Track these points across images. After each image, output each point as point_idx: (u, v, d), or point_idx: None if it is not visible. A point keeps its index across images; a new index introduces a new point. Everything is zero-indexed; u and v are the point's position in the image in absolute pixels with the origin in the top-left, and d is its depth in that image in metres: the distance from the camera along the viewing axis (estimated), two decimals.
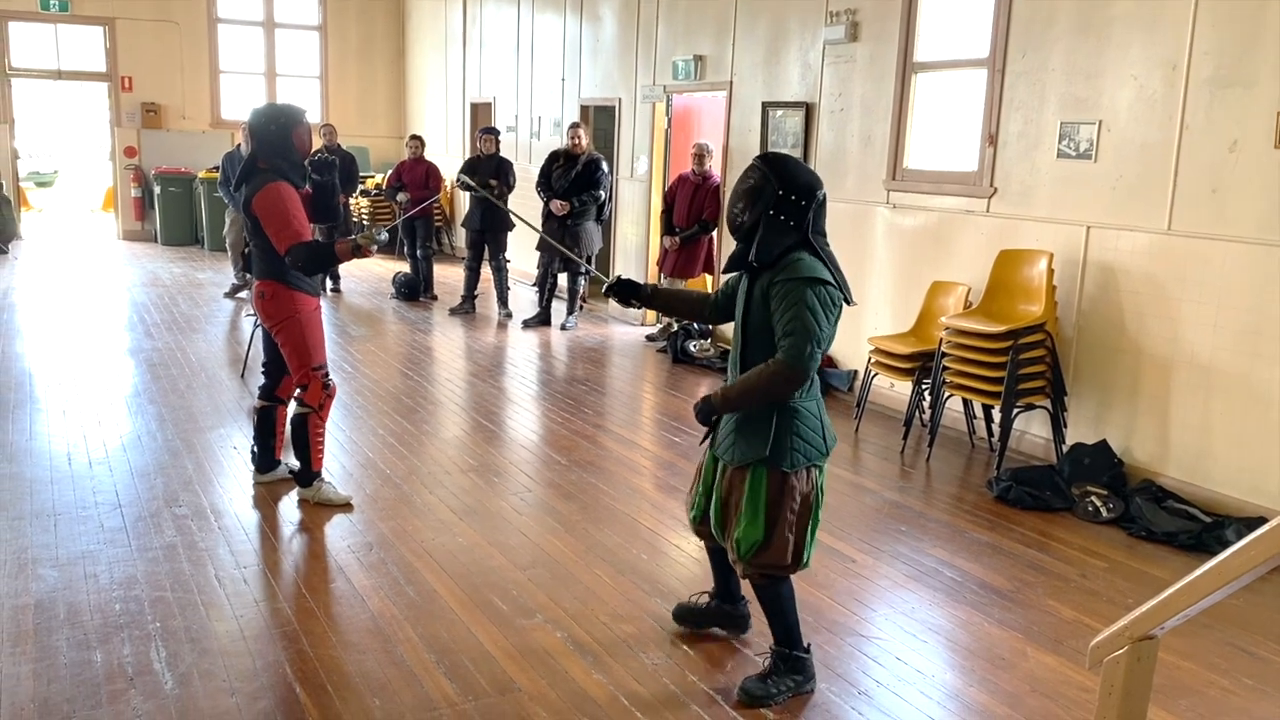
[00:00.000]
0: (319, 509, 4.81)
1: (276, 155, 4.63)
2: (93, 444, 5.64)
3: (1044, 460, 5.74)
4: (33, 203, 17.99)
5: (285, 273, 4.62)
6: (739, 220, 3.16)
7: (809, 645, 3.38)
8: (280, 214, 4.54)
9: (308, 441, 4.80)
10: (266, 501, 4.91)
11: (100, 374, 7.20)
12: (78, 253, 13.53)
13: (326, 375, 4.80)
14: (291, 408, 4.90)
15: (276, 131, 4.62)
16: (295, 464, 4.94)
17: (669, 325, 9.06)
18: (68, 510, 4.68)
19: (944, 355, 5.81)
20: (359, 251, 4.59)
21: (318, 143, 9.71)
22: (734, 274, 3.40)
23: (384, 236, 4.68)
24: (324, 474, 4.96)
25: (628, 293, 3.70)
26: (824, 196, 3.16)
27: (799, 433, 3.15)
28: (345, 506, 4.83)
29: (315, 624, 3.71)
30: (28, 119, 16.04)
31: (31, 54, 14.03)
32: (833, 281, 3.09)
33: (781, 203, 3.09)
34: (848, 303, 3.17)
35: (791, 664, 3.30)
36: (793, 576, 3.32)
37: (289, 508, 4.84)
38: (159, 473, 5.22)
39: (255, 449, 5.12)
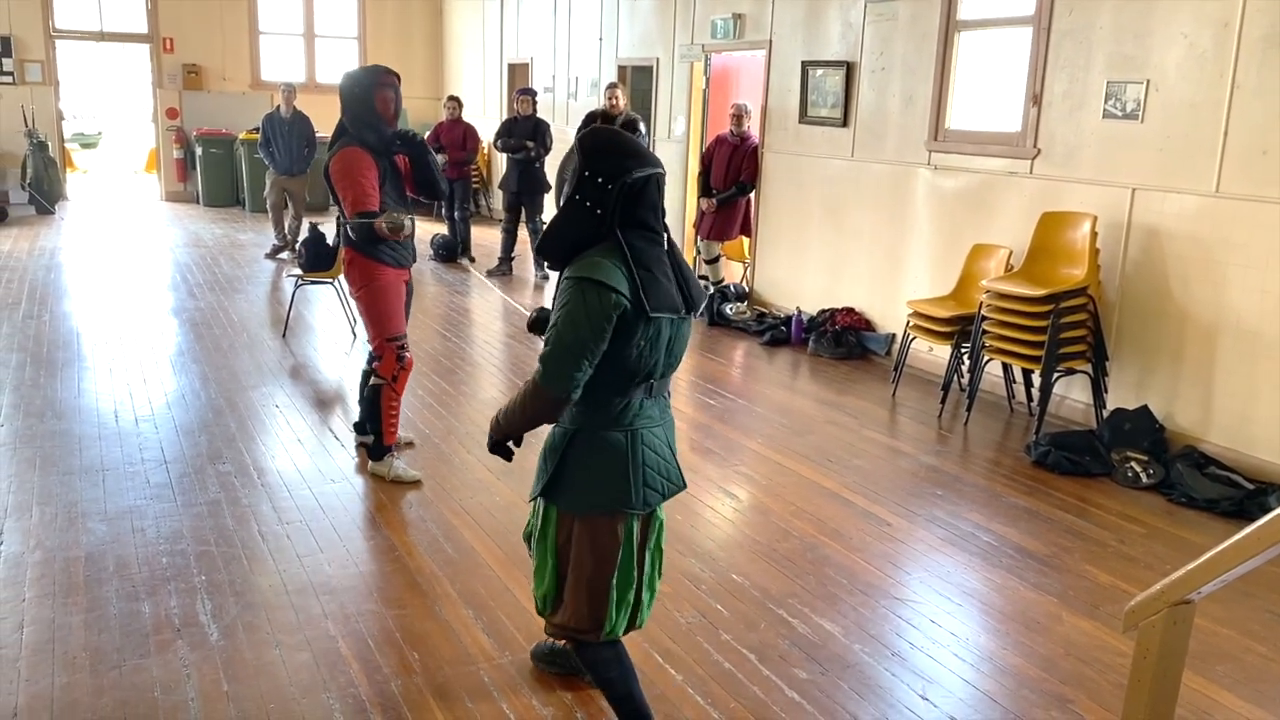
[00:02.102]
0: (365, 469, 4.88)
1: (357, 119, 4.55)
2: (139, 402, 5.75)
3: (1084, 425, 5.69)
4: (77, 164, 18.21)
5: (365, 241, 4.54)
6: (558, 203, 2.58)
7: None
8: (349, 180, 4.48)
9: (380, 413, 4.75)
10: (309, 458, 4.98)
11: (145, 333, 7.32)
12: (121, 214, 13.71)
13: (402, 347, 4.72)
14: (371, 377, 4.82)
15: (360, 95, 4.53)
16: (369, 438, 4.89)
17: (705, 288, 9.03)
18: (115, 466, 4.79)
19: (984, 319, 5.75)
20: (393, 232, 4.49)
21: None
22: None
23: (407, 224, 4.55)
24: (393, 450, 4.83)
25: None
26: (645, 179, 2.47)
27: (591, 468, 2.54)
28: (415, 485, 4.72)
29: (356, 579, 3.78)
30: (72, 80, 16.20)
31: (75, 16, 14.15)
32: (611, 285, 2.37)
33: (585, 184, 2.46)
34: (647, 313, 2.41)
35: None
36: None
37: (330, 465, 4.92)
38: (203, 430, 5.32)
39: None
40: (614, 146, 2.52)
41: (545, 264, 2.58)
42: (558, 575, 2.68)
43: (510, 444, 2.70)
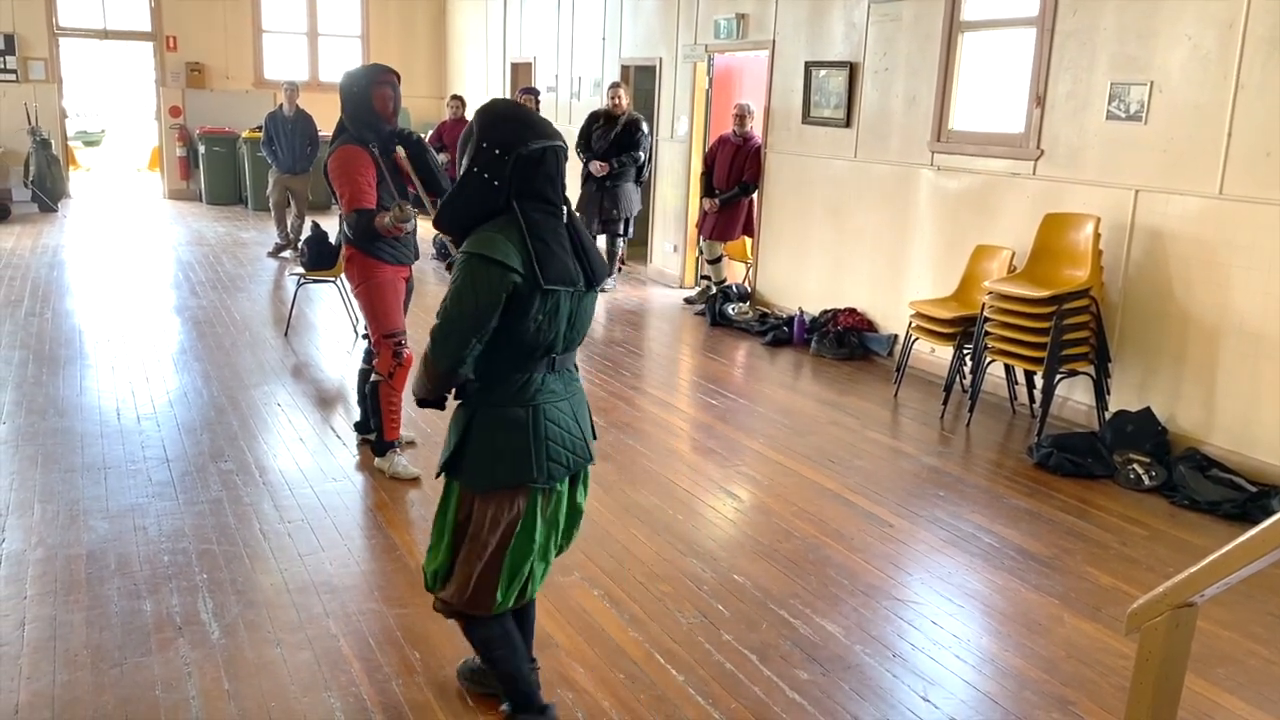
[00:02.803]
0: (366, 466, 4.88)
1: (355, 117, 4.55)
2: (141, 400, 5.75)
3: (1086, 427, 5.68)
4: (80, 162, 18.22)
5: (362, 238, 4.57)
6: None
7: (547, 707, 2.81)
8: (346, 177, 4.50)
9: (378, 406, 4.77)
10: (310, 457, 4.98)
11: (147, 331, 7.32)
12: (124, 211, 13.72)
13: (399, 344, 4.72)
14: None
15: (358, 93, 4.53)
16: (371, 435, 4.93)
17: (707, 288, 9.04)
18: (117, 464, 4.79)
19: (986, 320, 5.74)
20: (395, 222, 4.49)
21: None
22: None
23: (408, 211, 4.55)
24: (396, 447, 4.85)
25: None
26: (541, 150, 2.44)
27: (494, 443, 2.52)
28: (414, 482, 4.73)
29: (358, 578, 3.78)
30: (75, 78, 16.21)
31: (78, 14, 14.16)
32: (501, 260, 2.36)
33: (481, 155, 2.44)
34: (541, 286, 2.40)
35: (516, 715, 2.77)
36: (523, 607, 2.76)
37: (331, 464, 4.92)
38: (205, 428, 5.32)
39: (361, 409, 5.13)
40: (510, 117, 2.51)
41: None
42: (452, 551, 2.64)
43: (434, 402, 2.64)
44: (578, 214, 2.55)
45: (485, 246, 2.39)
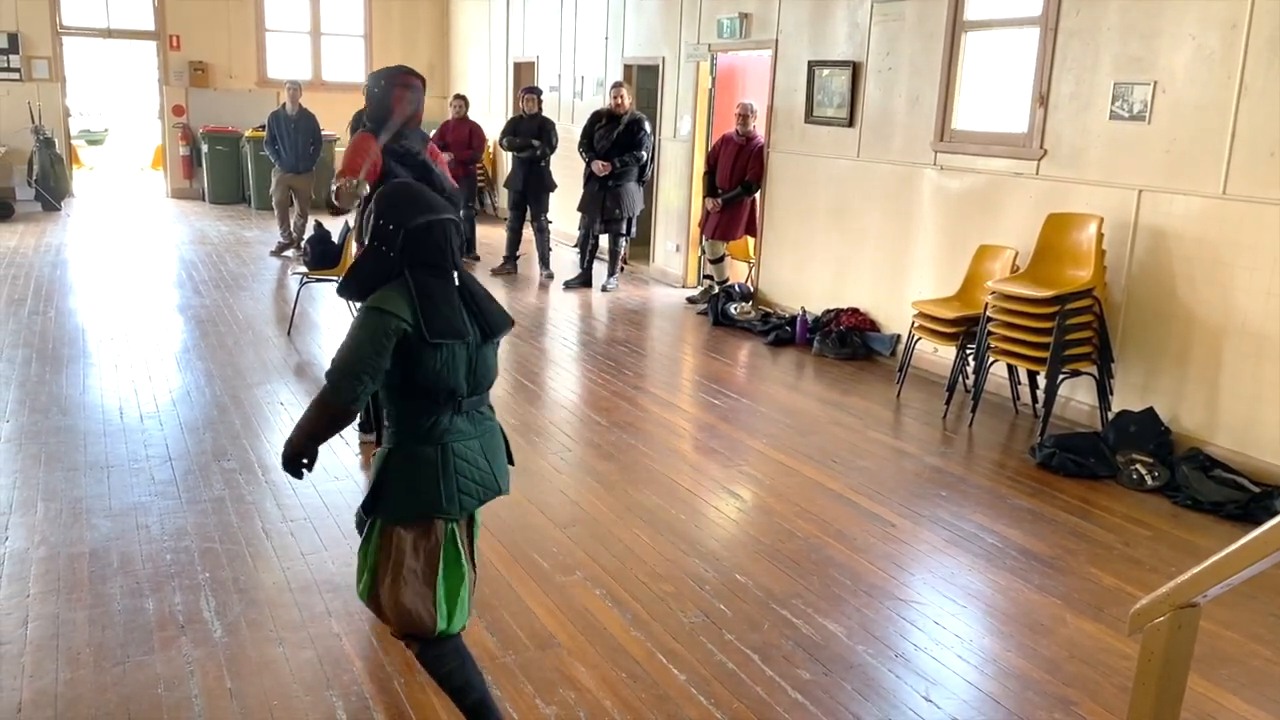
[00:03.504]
0: (369, 466, 4.88)
1: (373, 117, 4.57)
2: (143, 398, 5.76)
3: (1089, 427, 5.68)
4: (84, 160, 18.24)
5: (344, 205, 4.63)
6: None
7: None
8: (347, 155, 4.55)
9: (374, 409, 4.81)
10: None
11: (150, 330, 7.33)
12: (128, 210, 13.73)
13: None
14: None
15: (377, 94, 4.54)
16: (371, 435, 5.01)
17: (710, 288, 9.04)
18: (120, 463, 4.80)
19: (989, 320, 5.74)
20: (345, 192, 4.49)
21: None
22: None
23: (364, 189, 4.52)
24: None
25: None
26: (428, 224, 2.71)
27: (407, 480, 2.72)
28: None
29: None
30: (78, 77, 16.21)
31: (82, 13, 14.17)
32: (391, 311, 2.60)
33: (378, 230, 2.75)
34: (429, 339, 2.62)
35: None
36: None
37: (334, 463, 4.92)
38: (208, 427, 5.33)
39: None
40: (403, 198, 2.81)
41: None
42: (374, 581, 2.78)
43: (304, 461, 2.78)
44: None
45: (379, 301, 2.66)
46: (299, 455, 2.76)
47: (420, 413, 2.72)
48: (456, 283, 2.76)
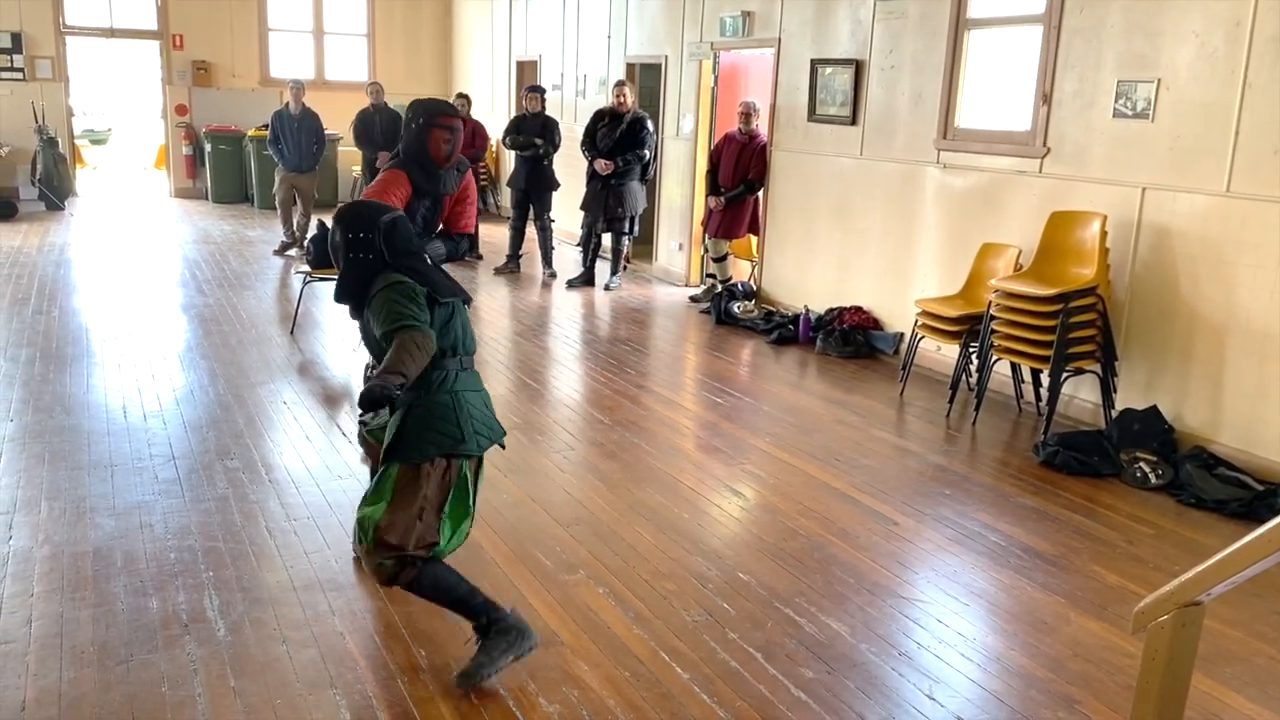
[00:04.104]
0: (363, 464, 4.89)
1: (407, 151, 4.52)
2: (147, 397, 5.77)
3: (1092, 425, 5.67)
4: (87, 160, 18.26)
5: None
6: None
7: (510, 609, 3.17)
8: (375, 189, 4.48)
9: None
10: (316, 455, 4.99)
11: (154, 329, 7.34)
12: (131, 210, 13.75)
13: None
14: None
15: (415, 131, 4.47)
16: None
17: (713, 286, 9.04)
18: (124, 461, 4.80)
19: (993, 318, 5.73)
20: None
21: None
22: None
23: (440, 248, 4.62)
24: None
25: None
26: (392, 219, 3.17)
27: (431, 425, 3.03)
28: None
29: (362, 576, 3.78)
30: (82, 77, 16.23)
31: (85, 12, 14.18)
32: (403, 280, 3.06)
33: (352, 244, 3.14)
34: (438, 300, 3.10)
35: (489, 630, 3.11)
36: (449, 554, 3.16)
37: (337, 462, 4.92)
38: (211, 426, 5.33)
39: None
40: (355, 214, 3.20)
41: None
42: (392, 508, 3.00)
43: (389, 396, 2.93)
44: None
45: (384, 281, 3.06)
46: (390, 387, 2.86)
47: (433, 369, 3.06)
48: (429, 263, 3.22)
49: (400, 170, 4.50)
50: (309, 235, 8.37)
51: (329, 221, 4.23)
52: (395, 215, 3.18)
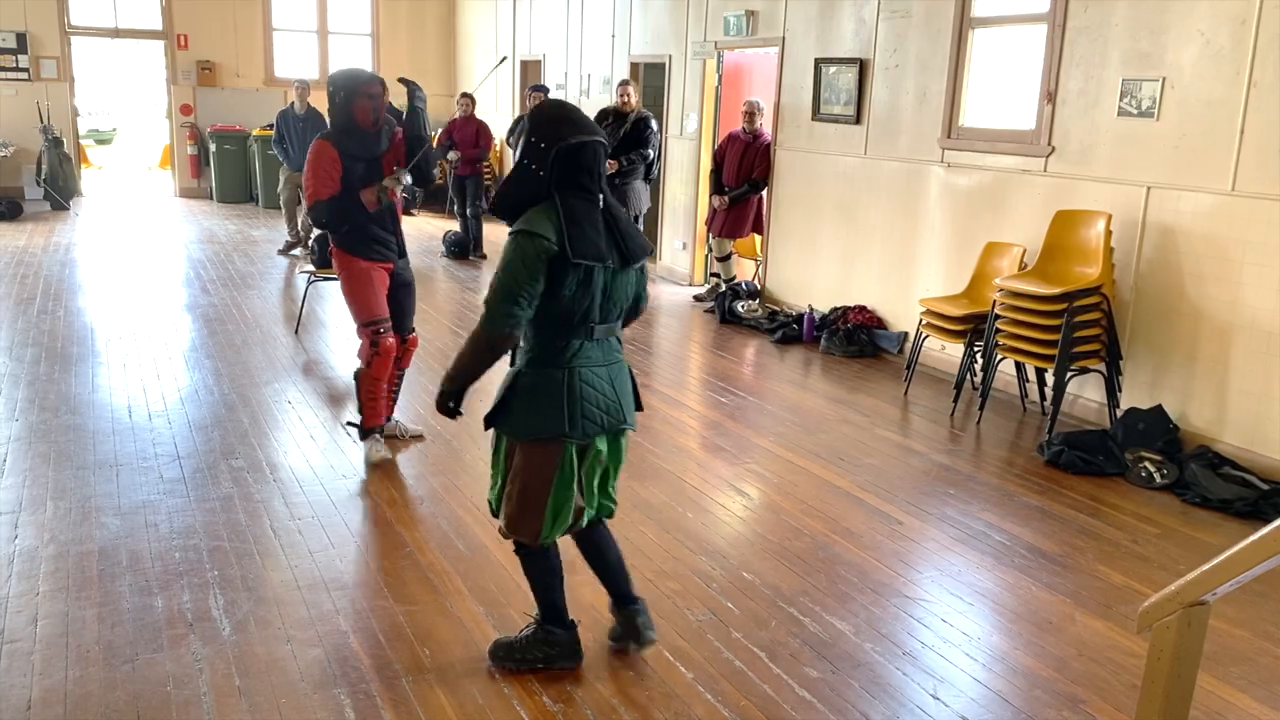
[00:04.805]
0: (377, 463, 4.90)
1: (335, 123, 4.75)
2: (152, 397, 5.78)
3: (1097, 425, 5.66)
4: (92, 160, 18.29)
5: (338, 236, 4.79)
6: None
7: (573, 622, 3.20)
8: (310, 172, 4.68)
9: (360, 396, 4.93)
10: (321, 454, 5.00)
11: (159, 329, 7.35)
12: (136, 209, 13.77)
13: (378, 331, 4.84)
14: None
15: (340, 103, 4.71)
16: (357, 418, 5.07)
17: (717, 286, 9.03)
18: (128, 461, 4.81)
19: (997, 317, 5.73)
20: (385, 191, 4.72)
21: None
22: None
23: (406, 178, 4.80)
24: (377, 433, 5.02)
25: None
26: (580, 144, 2.79)
27: (533, 401, 2.85)
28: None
29: (367, 575, 3.79)
30: (87, 77, 16.26)
31: (90, 12, 14.21)
32: (538, 233, 2.73)
33: (529, 149, 2.82)
34: (569, 258, 2.74)
35: (541, 636, 3.16)
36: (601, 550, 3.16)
37: (342, 461, 4.93)
38: (216, 426, 5.34)
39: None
40: (556, 115, 2.89)
41: (503, 219, 2.92)
42: (504, 485, 3.00)
43: (454, 405, 2.94)
44: (612, 201, 2.94)
45: (527, 223, 2.77)
46: (453, 393, 2.89)
47: (552, 335, 2.83)
48: (601, 206, 2.85)
49: (324, 140, 4.71)
50: (313, 235, 8.37)
51: None
52: (587, 141, 2.81)
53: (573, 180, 2.81)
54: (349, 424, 5.17)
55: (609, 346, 2.94)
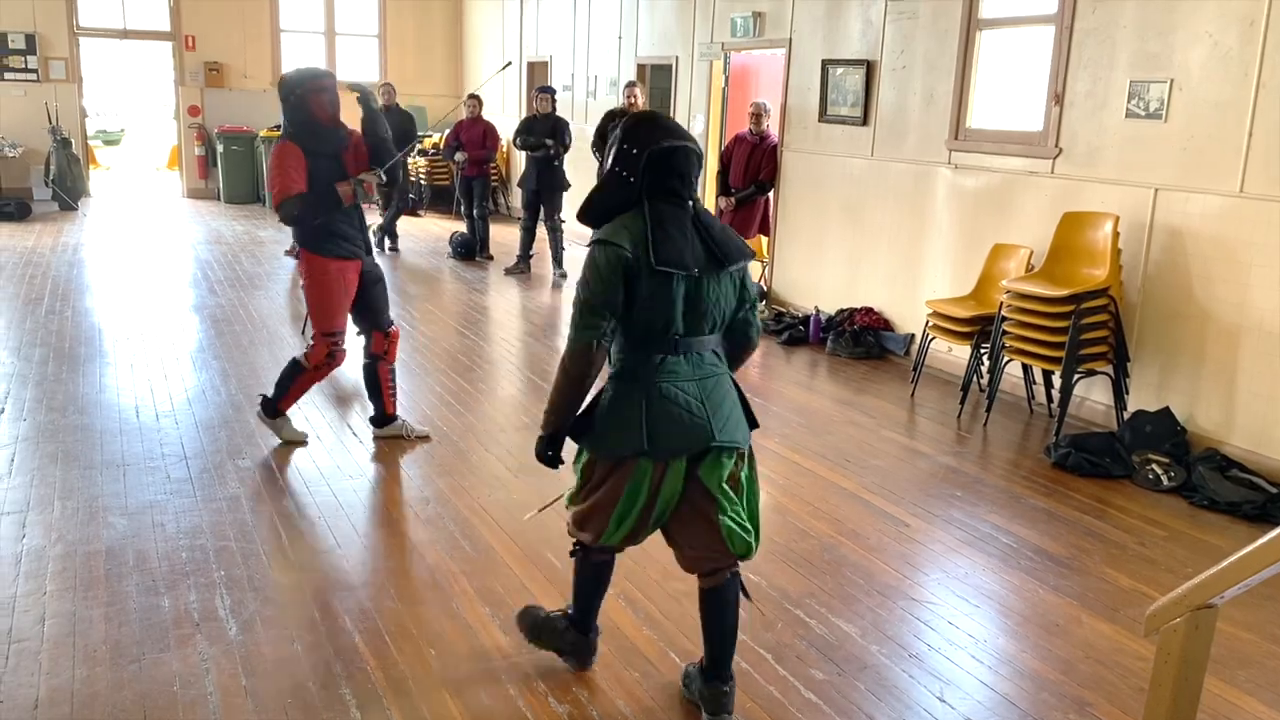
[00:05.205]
0: (383, 464, 4.90)
1: (294, 121, 4.76)
2: (159, 397, 5.79)
3: (1104, 427, 5.65)
4: (100, 161, 18.35)
5: (304, 235, 4.80)
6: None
7: (595, 629, 3.18)
8: (275, 173, 4.68)
9: (289, 383, 5.01)
10: (327, 455, 5.00)
11: (166, 329, 7.36)
12: (144, 210, 13.80)
13: (335, 344, 4.93)
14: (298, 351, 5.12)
15: (294, 102, 4.73)
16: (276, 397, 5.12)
17: None
18: (136, 461, 4.82)
19: (1004, 319, 5.72)
20: (361, 185, 4.74)
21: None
22: None
23: (382, 176, 4.84)
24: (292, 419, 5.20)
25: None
26: (670, 149, 2.71)
27: (611, 416, 2.78)
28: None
29: (374, 575, 3.80)
30: (95, 78, 16.31)
31: (98, 14, 14.26)
32: (614, 242, 2.65)
33: (620, 155, 2.75)
34: (651, 265, 2.63)
35: (563, 628, 3.17)
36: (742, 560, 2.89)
37: (348, 462, 4.94)
38: (223, 426, 5.35)
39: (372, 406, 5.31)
40: (648, 123, 2.81)
41: (589, 225, 2.84)
42: (580, 488, 2.94)
43: (552, 454, 2.88)
44: (704, 210, 2.84)
45: (604, 232, 2.71)
46: (549, 438, 2.83)
47: (635, 349, 2.75)
48: (692, 212, 2.76)
49: (287, 141, 4.71)
50: None
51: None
52: (678, 146, 2.73)
53: (663, 185, 2.73)
54: (262, 397, 5.14)
55: (700, 361, 2.78)
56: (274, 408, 5.06)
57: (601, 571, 3.11)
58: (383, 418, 5.22)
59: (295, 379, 5.00)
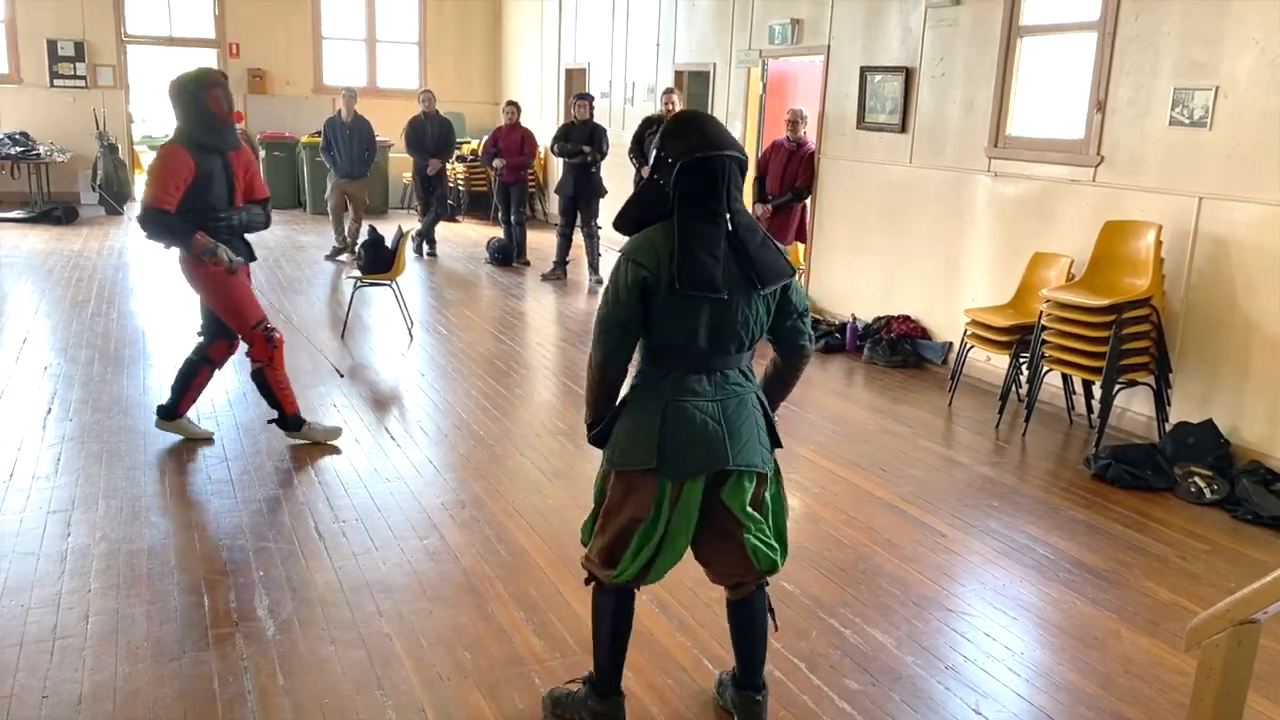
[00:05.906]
0: (419, 467, 4.94)
1: (189, 120, 4.72)
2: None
3: (1145, 438, 5.57)
4: (146, 166, 18.64)
5: (155, 237, 4.76)
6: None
7: (620, 693, 2.93)
8: (155, 176, 4.65)
9: (273, 391, 5.06)
10: (365, 458, 5.05)
11: None
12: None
13: (267, 328, 5.01)
14: (249, 365, 5.10)
15: (187, 99, 4.69)
16: (274, 414, 5.18)
17: None
18: (178, 462, 4.90)
19: (1044, 328, 5.66)
20: (214, 255, 4.72)
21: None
22: None
23: (236, 262, 4.85)
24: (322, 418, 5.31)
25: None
26: (706, 158, 2.52)
27: (629, 431, 2.67)
28: (334, 434, 5.22)
29: (409, 579, 3.83)
30: (142, 84, 16.60)
31: (145, 21, 14.53)
32: (636, 259, 2.54)
33: (658, 162, 2.60)
34: (674, 286, 2.51)
35: (583, 697, 2.93)
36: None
37: (385, 465, 4.98)
38: (262, 429, 5.41)
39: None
40: (687, 129, 2.62)
41: (623, 233, 2.72)
42: (595, 511, 2.85)
43: (599, 434, 2.79)
44: (745, 223, 2.65)
45: (630, 247, 2.61)
46: (593, 425, 2.78)
47: (654, 365, 2.65)
48: (729, 228, 2.58)
49: (175, 144, 4.69)
50: (360, 241, 8.47)
51: (380, 228, 4.31)
52: (714, 156, 2.53)
53: (696, 198, 2.54)
54: (273, 422, 5.19)
55: (724, 380, 2.65)
56: (286, 420, 5.13)
57: (619, 611, 2.85)
58: (285, 419, 5.16)
59: (271, 384, 5.06)
